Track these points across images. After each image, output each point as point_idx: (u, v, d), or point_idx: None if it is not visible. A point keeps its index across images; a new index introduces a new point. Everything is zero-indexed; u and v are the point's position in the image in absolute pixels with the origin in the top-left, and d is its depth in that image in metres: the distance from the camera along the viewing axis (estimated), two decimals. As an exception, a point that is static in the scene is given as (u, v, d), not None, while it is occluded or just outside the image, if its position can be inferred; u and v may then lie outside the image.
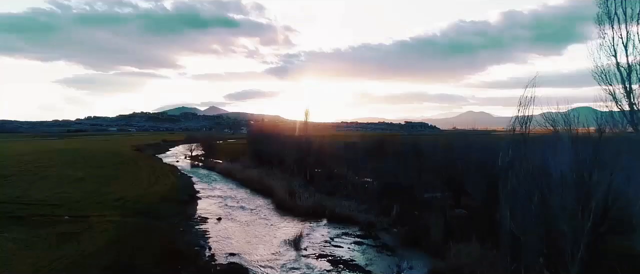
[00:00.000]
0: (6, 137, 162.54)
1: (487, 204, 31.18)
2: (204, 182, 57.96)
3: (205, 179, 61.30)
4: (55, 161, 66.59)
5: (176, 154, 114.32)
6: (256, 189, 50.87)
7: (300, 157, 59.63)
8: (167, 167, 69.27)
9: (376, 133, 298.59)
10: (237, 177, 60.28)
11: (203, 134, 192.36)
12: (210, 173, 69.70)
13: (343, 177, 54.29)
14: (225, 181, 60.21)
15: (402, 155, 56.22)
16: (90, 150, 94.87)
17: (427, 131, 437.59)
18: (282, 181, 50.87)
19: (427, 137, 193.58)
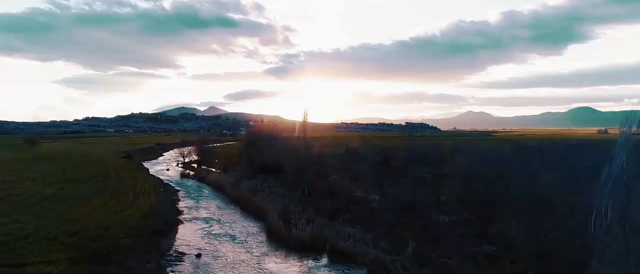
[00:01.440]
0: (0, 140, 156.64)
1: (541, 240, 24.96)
2: (191, 199, 52.04)
3: (194, 195, 55.37)
4: (29, 172, 60.68)
5: (168, 160, 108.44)
6: (248, 210, 44.89)
7: (299, 169, 53.71)
8: (151, 180, 63.15)
9: (377, 134, 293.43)
10: (228, 193, 54.31)
11: (200, 136, 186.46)
12: (201, 186, 63.81)
13: (345, 193, 48.37)
14: (215, 197, 54.33)
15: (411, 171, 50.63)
16: (75, 157, 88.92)
17: (428, 131, 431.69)
18: (278, 197, 45.07)
19: (429, 139, 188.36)
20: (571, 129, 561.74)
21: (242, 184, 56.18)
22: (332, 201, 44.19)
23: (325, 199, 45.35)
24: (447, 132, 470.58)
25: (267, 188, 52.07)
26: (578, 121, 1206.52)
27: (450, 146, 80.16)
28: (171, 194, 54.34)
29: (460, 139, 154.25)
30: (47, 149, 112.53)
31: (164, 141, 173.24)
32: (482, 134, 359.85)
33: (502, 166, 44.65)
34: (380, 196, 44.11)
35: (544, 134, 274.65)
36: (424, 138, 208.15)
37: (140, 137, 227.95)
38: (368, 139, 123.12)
